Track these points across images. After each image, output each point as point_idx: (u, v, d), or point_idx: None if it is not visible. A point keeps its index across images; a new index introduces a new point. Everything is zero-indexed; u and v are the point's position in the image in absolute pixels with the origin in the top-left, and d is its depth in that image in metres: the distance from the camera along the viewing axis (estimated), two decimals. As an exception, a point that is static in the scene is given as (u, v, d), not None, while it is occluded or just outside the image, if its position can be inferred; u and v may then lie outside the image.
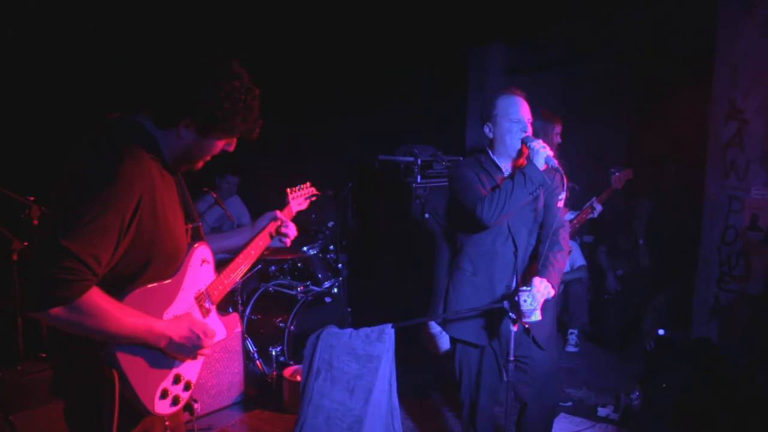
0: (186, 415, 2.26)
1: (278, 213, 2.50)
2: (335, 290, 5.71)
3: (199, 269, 2.13)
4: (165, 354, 1.94)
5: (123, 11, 4.95)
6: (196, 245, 2.11)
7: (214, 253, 2.27)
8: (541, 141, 3.06)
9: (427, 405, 4.86)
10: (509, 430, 3.09)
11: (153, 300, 1.92)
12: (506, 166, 3.26)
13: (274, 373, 4.96)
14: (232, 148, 2.08)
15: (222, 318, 2.28)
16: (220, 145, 2.03)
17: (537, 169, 2.99)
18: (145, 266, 1.89)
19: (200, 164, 2.08)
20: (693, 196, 5.34)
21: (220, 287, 2.24)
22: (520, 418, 3.44)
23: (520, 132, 3.14)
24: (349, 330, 3.58)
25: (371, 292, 6.32)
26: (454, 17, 6.08)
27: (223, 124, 1.94)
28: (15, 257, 4.00)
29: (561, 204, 3.13)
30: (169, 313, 1.98)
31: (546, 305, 3.10)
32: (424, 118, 7.02)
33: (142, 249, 1.86)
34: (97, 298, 1.71)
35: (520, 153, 3.19)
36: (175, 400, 2.01)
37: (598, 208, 4.88)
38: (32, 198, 4.05)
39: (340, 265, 5.86)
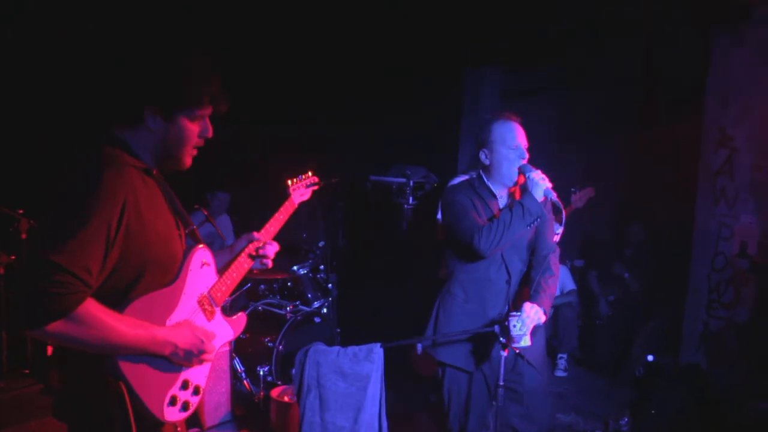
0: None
1: (255, 234, 2.42)
2: (325, 310, 5.67)
3: (200, 272, 2.09)
4: (170, 361, 1.91)
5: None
6: (194, 248, 2.07)
7: None
8: (539, 172, 3.04)
9: (415, 428, 4.82)
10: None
11: (155, 308, 1.89)
12: (501, 193, 3.24)
13: (262, 393, 4.91)
14: (210, 133, 2.02)
15: (228, 319, 2.24)
16: (194, 129, 1.97)
17: (536, 201, 2.98)
18: (140, 275, 1.86)
19: (186, 159, 2.02)
20: (683, 222, 5.36)
21: (223, 288, 2.20)
22: None
23: (517, 160, 3.11)
24: (336, 348, 3.55)
25: (361, 312, 6.28)
26: (450, 40, 6.12)
27: (186, 98, 1.91)
28: (2, 271, 3.97)
29: (557, 238, 3.12)
30: (172, 320, 1.94)
31: (536, 330, 3.09)
32: (416, 139, 7.03)
33: (134, 258, 1.83)
34: (93, 309, 1.69)
35: (515, 181, 3.17)
36: (185, 406, 1.98)
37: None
38: (21, 211, 4.03)
39: (330, 285, 5.83)
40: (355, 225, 6.63)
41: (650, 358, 5.51)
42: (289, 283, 5.74)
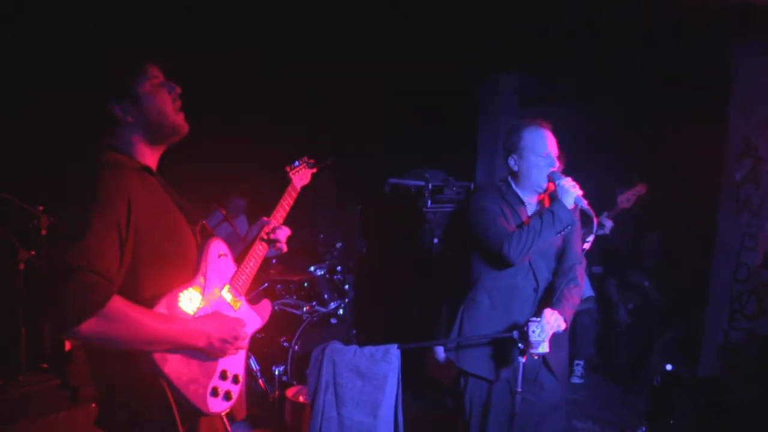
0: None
1: (265, 219, 2.44)
2: (341, 311, 5.67)
3: (219, 263, 2.10)
4: (205, 353, 1.92)
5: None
6: (209, 241, 2.08)
7: None
8: (570, 179, 3.00)
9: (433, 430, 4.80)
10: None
11: (181, 304, 1.90)
12: (529, 200, 3.20)
13: (277, 392, 4.91)
14: (178, 89, 2.03)
15: (253, 307, 2.26)
16: (162, 93, 1.99)
17: (566, 208, 2.94)
18: (160, 273, 1.88)
19: (177, 121, 2.02)
20: (704, 232, 5.31)
21: (244, 277, 2.21)
22: None
23: (547, 167, 3.07)
24: (353, 347, 3.55)
25: (377, 314, 6.28)
26: (469, 45, 6.10)
27: (131, 75, 1.94)
28: (22, 266, 3.99)
29: (587, 246, 3.03)
30: (199, 314, 1.95)
31: (560, 340, 3.06)
32: (434, 143, 7.02)
33: (150, 256, 1.85)
34: (122, 305, 1.72)
35: (544, 188, 3.13)
36: (227, 395, 1.99)
37: (608, 223, 4.87)
38: (41, 208, 4.05)
39: (346, 287, 5.83)
40: (372, 227, 6.62)
41: (669, 367, 5.44)
42: (305, 284, 5.74)
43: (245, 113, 6.23)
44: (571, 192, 2.95)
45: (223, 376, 1.99)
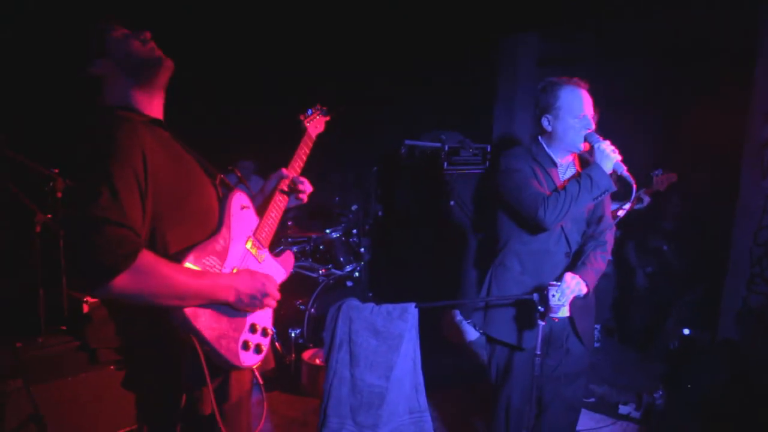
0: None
1: (284, 171, 2.39)
2: (356, 274, 5.67)
3: (242, 216, 2.08)
4: (234, 307, 1.92)
5: None
6: (231, 193, 2.07)
7: None
8: (608, 142, 2.90)
9: (446, 396, 4.81)
10: (535, 426, 3.03)
11: (209, 256, 1.89)
12: (561, 161, 3.10)
13: (293, 355, 4.93)
14: (146, 32, 2.01)
15: (277, 259, 2.25)
16: (131, 41, 1.97)
17: (605, 173, 2.84)
18: (184, 228, 1.87)
19: (155, 57, 2.00)
20: (725, 195, 5.23)
21: (267, 229, 2.19)
22: (541, 415, 3.30)
23: (583, 129, 2.96)
24: (370, 305, 3.52)
25: (393, 277, 6.28)
26: (487, 5, 5.98)
27: (98, 35, 1.95)
28: (38, 229, 3.99)
29: (622, 213, 2.95)
30: (227, 266, 1.95)
31: (587, 306, 3.04)
32: (451, 105, 6.94)
33: (172, 209, 1.83)
34: (152, 259, 1.71)
35: (580, 149, 3.03)
36: (258, 349, 2.00)
37: (646, 199, 4.83)
38: (56, 170, 4.03)
39: (362, 249, 5.82)
40: (388, 190, 6.58)
41: (686, 331, 5.42)
42: (321, 246, 5.73)
43: (255, 75, 6.17)
44: (611, 157, 2.84)
45: (253, 329, 2.00)
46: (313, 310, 5.03)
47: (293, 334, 4.99)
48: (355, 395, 3.38)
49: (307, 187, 2.40)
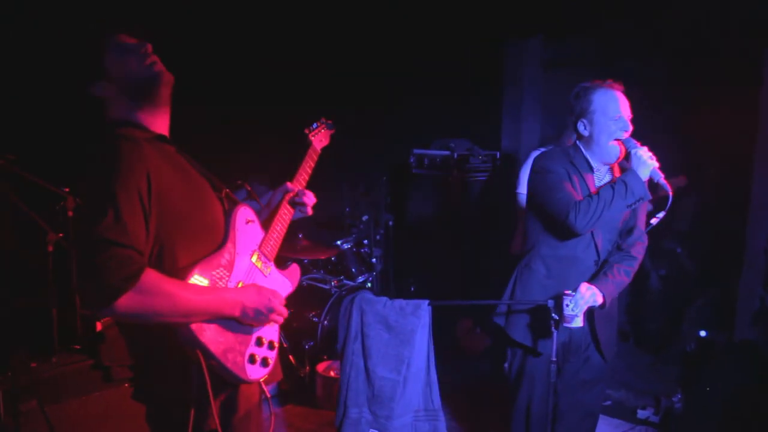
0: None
1: (289, 185, 2.39)
2: (369, 284, 5.66)
3: (247, 230, 2.10)
4: (240, 322, 1.94)
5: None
6: (236, 208, 2.08)
7: None
8: (646, 148, 2.82)
9: (462, 404, 4.78)
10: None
11: (214, 271, 1.91)
12: (598, 167, 3.03)
13: (307, 368, 4.92)
14: (148, 47, 1.99)
15: (283, 272, 2.27)
16: (129, 60, 1.96)
17: (640, 180, 2.76)
18: (190, 243, 1.88)
19: (155, 72, 1.98)
20: (739, 194, 5.18)
21: (272, 242, 2.20)
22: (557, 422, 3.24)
23: (619, 132, 2.89)
24: (383, 299, 3.52)
25: (405, 286, 6.26)
26: (491, 10, 5.98)
27: (93, 53, 1.95)
28: (51, 248, 4.00)
29: (655, 222, 2.83)
30: (233, 280, 1.96)
31: (610, 316, 3.04)
32: (458, 112, 6.92)
33: (177, 226, 1.85)
34: (157, 277, 1.73)
35: (617, 156, 2.95)
36: (265, 362, 2.02)
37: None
38: (67, 189, 4.05)
39: (373, 260, 5.81)
40: (398, 200, 6.58)
41: (702, 333, 5.37)
42: (333, 258, 5.72)
43: (261, 86, 6.18)
44: (648, 164, 2.76)
45: (259, 342, 2.01)
46: (326, 322, 5.01)
47: (307, 347, 4.98)
48: (369, 386, 3.39)
49: (311, 199, 2.41)
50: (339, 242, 5.63)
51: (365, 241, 5.89)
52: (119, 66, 1.94)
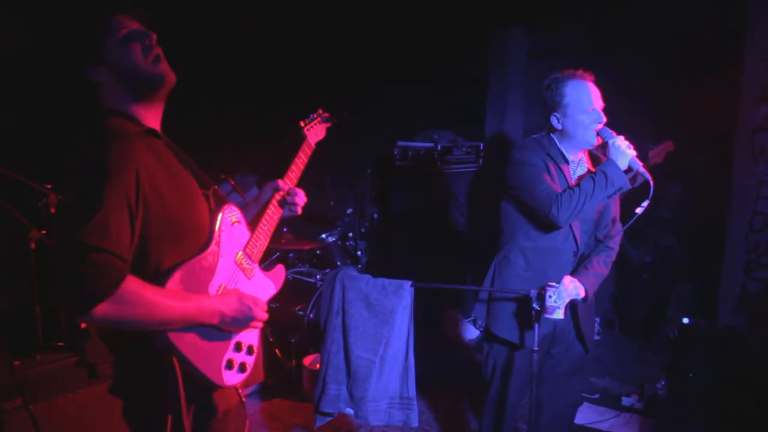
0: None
1: (280, 182, 2.33)
2: (354, 277, 5.65)
3: (232, 231, 2.05)
4: (219, 329, 1.90)
5: None
6: (222, 208, 2.03)
7: None
8: (623, 138, 2.83)
9: (442, 394, 4.80)
10: (534, 423, 3.01)
11: (195, 275, 1.86)
12: (573, 157, 3.03)
13: (293, 361, 4.92)
14: (153, 37, 1.90)
15: (267, 273, 2.21)
16: (133, 48, 1.87)
17: (620, 171, 2.76)
18: (173, 244, 1.84)
19: (159, 69, 1.90)
20: (720, 182, 5.22)
21: (258, 243, 2.15)
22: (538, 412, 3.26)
23: (594, 124, 2.89)
24: (366, 276, 3.50)
25: (390, 277, 6.25)
26: (475, 0, 5.98)
27: (97, 35, 1.85)
28: (33, 246, 3.98)
29: (640, 211, 2.76)
30: (215, 284, 1.92)
31: (589, 308, 3.05)
32: (442, 103, 6.92)
33: (162, 226, 1.80)
34: (136, 286, 1.68)
35: (594, 145, 2.96)
36: (242, 367, 1.98)
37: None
38: (49, 186, 4.02)
39: (359, 253, 5.81)
40: (382, 191, 6.57)
41: (686, 320, 5.42)
42: (318, 251, 5.72)
43: (249, 78, 6.15)
44: (627, 153, 2.77)
45: (238, 347, 1.97)
46: (312, 315, 5.01)
47: (293, 340, 4.98)
48: (347, 364, 3.38)
49: (301, 199, 2.35)
50: (324, 235, 5.62)
51: (350, 234, 5.90)
52: (120, 53, 1.85)
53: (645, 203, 2.73)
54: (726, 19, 5.23)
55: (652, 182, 2.73)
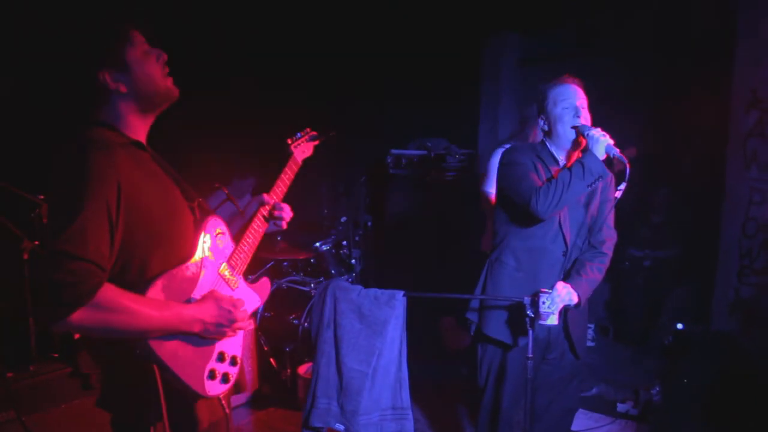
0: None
1: (265, 197, 2.34)
2: (348, 286, 5.64)
3: (216, 242, 2.05)
4: (202, 336, 1.89)
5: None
6: (206, 219, 2.03)
7: None
8: (599, 129, 2.87)
9: (445, 398, 4.80)
10: (528, 430, 3.01)
11: (176, 285, 1.86)
12: (562, 158, 3.08)
13: (288, 370, 4.90)
14: (164, 55, 1.94)
15: (252, 286, 2.21)
16: (150, 60, 1.91)
17: (597, 159, 2.80)
18: (155, 254, 1.83)
19: (167, 85, 1.94)
20: (713, 187, 5.24)
21: (242, 255, 2.15)
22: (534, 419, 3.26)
23: (572, 119, 2.95)
24: (358, 287, 3.48)
25: (385, 287, 6.24)
26: (467, 7, 6.00)
27: (118, 41, 1.87)
28: (26, 256, 3.97)
29: (619, 195, 2.82)
30: (197, 294, 1.91)
31: (581, 313, 3.04)
32: (436, 111, 6.93)
33: (144, 236, 1.80)
34: (114, 293, 1.67)
35: (576, 144, 3.00)
36: (225, 378, 1.97)
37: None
38: (42, 197, 4.02)
39: (353, 261, 5.80)
40: (376, 199, 6.57)
41: (680, 326, 5.42)
42: (312, 260, 5.71)
43: (240, 88, 6.15)
44: (601, 141, 2.81)
45: (221, 358, 1.96)
46: (306, 324, 5.00)
47: (287, 349, 4.96)
48: (339, 377, 3.35)
49: (287, 213, 2.36)
50: (318, 244, 5.62)
51: (344, 242, 5.89)
52: (141, 65, 1.88)
53: (622, 186, 2.77)
54: (717, 24, 5.26)
55: (628, 166, 2.76)
